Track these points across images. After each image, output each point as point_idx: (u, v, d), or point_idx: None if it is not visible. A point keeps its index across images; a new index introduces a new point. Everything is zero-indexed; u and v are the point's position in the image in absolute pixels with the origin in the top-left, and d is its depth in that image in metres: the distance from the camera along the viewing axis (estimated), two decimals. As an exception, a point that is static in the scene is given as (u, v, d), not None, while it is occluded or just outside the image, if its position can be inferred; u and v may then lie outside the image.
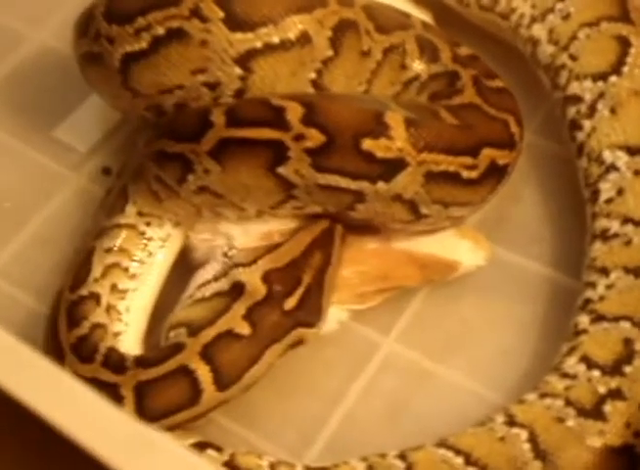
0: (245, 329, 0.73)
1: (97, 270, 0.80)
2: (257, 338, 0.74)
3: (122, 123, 0.96)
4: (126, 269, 0.81)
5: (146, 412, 0.72)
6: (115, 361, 0.75)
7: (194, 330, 0.74)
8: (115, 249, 0.81)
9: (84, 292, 0.79)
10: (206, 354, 0.73)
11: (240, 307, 0.74)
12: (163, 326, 0.78)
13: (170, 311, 0.81)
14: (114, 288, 0.80)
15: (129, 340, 0.80)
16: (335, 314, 0.81)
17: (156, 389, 0.73)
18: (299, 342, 0.76)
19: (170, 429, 0.72)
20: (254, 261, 0.76)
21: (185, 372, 0.72)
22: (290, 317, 0.75)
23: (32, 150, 0.96)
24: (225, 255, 0.80)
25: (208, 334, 0.73)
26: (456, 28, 0.95)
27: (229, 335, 0.73)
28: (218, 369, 0.72)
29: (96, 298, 0.79)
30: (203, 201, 0.78)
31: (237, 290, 0.75)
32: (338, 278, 0.80)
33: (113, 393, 0.72)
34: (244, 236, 0.80)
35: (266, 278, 0.75)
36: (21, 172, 0.95)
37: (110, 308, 0.79)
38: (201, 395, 0.72)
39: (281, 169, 0.73)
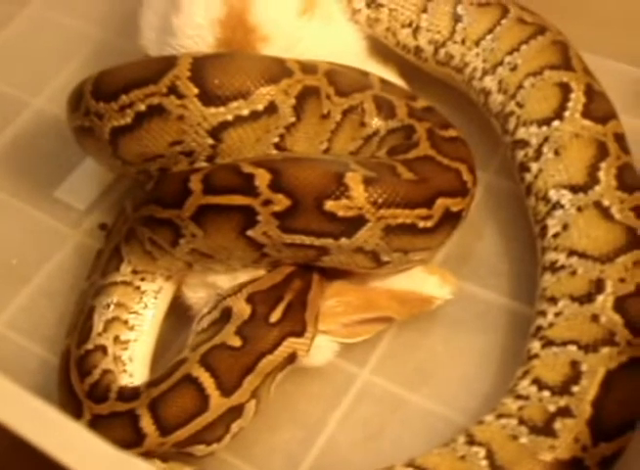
0: (236, 342, 0.79)
1: (99, 326, 0.85)
2: (249, 348, 0.79)
3: (117, 183, 1.03)
4: (126, 322, 0.87)
5: (163, 424, 0.77)
6: (129, 393, 0.80)
7: (194, 347, 0.81)
8: (114, 304, 0.86)
9: (90, 346, 0.85)
10: (205, 362, 0.78)
11: (231, 327, 0.80)
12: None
13: (168, 352, 0.89)
14: (116, 339, 0.86)
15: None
16: (327, 347, 0.87)
17: (167, 400, 0.77)
18: (293, 356, 0.81)
19: (191, 445, 0.78)
20: (240, 290, 0.83)
21: (190, 380, 0.78)
22: (276, 328, 0.80)
23: (35, 210, 1.03)
24: (217, 294, 0.86)
25: (206, 347, 0.79)
26: (422, 81, 1.03)
27: (223, 346, 0.79)
28: (218, 375, 0.77)
29: (102, 349, 0.85)
30: (195, 259, 0.84)
31: (226, 314, 0.82)
32: (322, 307, 0.85)
33: (130, 418, 0.77)
34: (232, 283, 0.86)
35: (250, 300, 0.82)
36: (25, 231, 1.01)
37: (116, 359, 0.85)
38: (208, 400, 0.77)
39: (250, 232, 0.79)
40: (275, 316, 0.81)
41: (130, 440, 0.77)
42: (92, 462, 0.54)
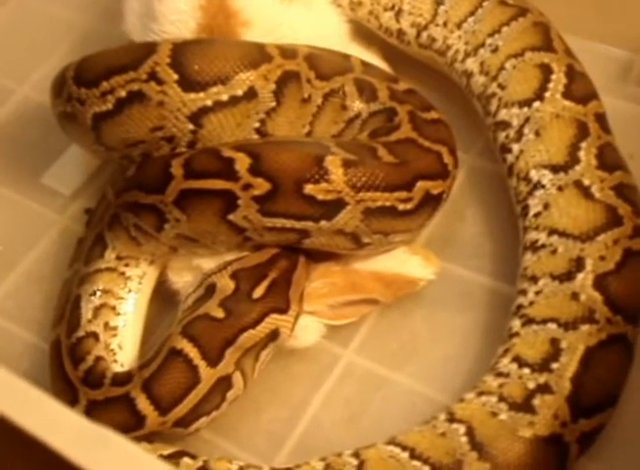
0: (219, 313, 0.80)
1: (88, 313, 0.86)
2: (231, 321, 0.79)
3: (102, 168, 1.03)
4: (114, 308, 0.87)
5: (161, 404, 0.77)
6: (122, 377, 0.81)
7: (178, 321, 0.81)
8: (100, 291, 0.87)
9: (81, 333, 0.85)
10: (187, 332, 0.79)
11: (214, 301, 0.81)
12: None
13: (153, 337, 0.89)
14: (106, 326, 0.86)
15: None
16: (314, 327, 0.88)
17: (159, 379, 0.78)
18: (276, 332, 0.81)
19: (193, 421, 0.79)
20: (225, 267, 0.84)
21: (175, 353, 0.78)
22: (258, 303, 0.81)
23: (21, 196, 1.04)
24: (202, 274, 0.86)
25: (188, 319, 0.80)
26: (404, 64, 1.04)
27: (205, 317, 0.80)
28: (201, 345, 0.78)
29: (94, 335, 0.85)
30: (180, 244, 0.85)
31: (210, 290, 0.82)
32: (308, 288, 0.85)
33: (126, 401, 0.78)
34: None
35: (234, 276, 0.82)
36: (11, 217, 1.02)
37: (107, 347, 0.85)
38: (197, 371, 0.77)
39: (231, 216, 0.79)
40: (258, 292, 0.81)
41: (130, 424, 0.77)
42: (78, 441, 0.54)
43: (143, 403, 0.77)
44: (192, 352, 0.78)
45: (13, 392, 0.56)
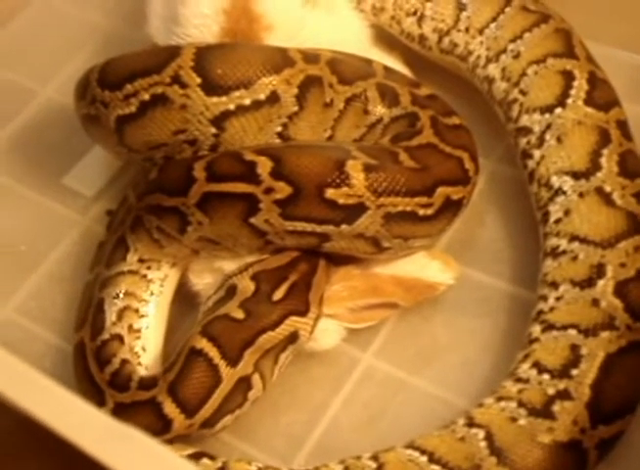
0: (239, 314, 0.80)
1: (112, 316, 0.86)
2: (250, 322, 0.79)
3: (124, 170, 1.04)
4: (137, 310, 0.87)
5: (186, 406, 0.77)
6: (148, 382, 0.81)
7: (199, 322, 0.82)
8: (123, 294, 0.87)
9: (106, 336, 0.85)
10: (206, 332, 0.79)
11: (234, 302, 0.81)
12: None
13: (174, 338, 0.89)
14: (130, 328, 0.86)
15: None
16: (334, 330, 0.88)
17: (183, 381, 0.78)
18: (295, 335, 0.82)
19: (219, 420, 0.79)
20: (245, 269, 0.84)
21: (195, 353, 0.78)
22: (278, 306, 0.81)
23: (43, 197, 1.04)
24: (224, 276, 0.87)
25: (208, 318, 0.81)
26: (426, 69, 1.04)
27: (225, 317, 0.80)
28: (220, 345, 0.78)
29: (119, 338, 0.85)
30: (202, 246, 0.86)
31: (231, 292, 0.83)
32: (328, 291, 0.86)
33: (152, 406, 0.78)
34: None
35: (255, 278, 0.83)
36: (33, 218, 1.03)
37: (131, 350, 0.85)
38: (218, 370, 0.78)
39: (253, 220, 0.80)
40: (278, 295, 0.82)
41: (157, 427, 0.77)
42: (105, 440, 0.54)
43: (169, 407, 0.77)
44: (212, 351, 0.78)
45: (39, 390, 0.57)
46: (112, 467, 0.47)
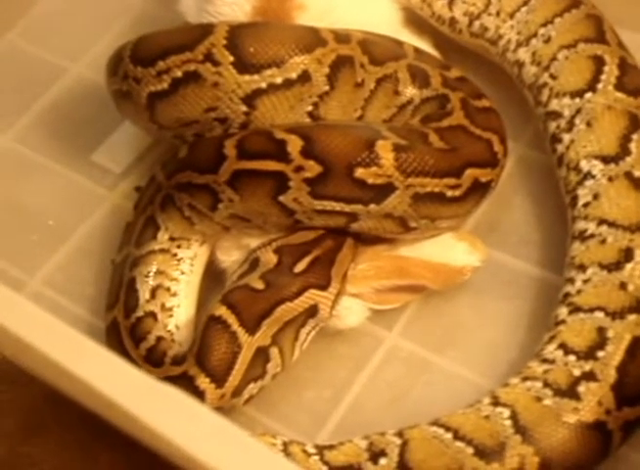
0: (259, 285, 0.81)
1: (145, 294, 0.87)
2: (270, 293, 0.80)
3: (153, 147, 1.04)
4: (168, 289, 0.88)
5: (215, 376, 0.78)
6: (181, 357, 0.81)
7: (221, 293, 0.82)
8: (154, 272, 0.88)
9: (140, 313, 0.86)
10: (226, 300, 0.80)
11: (256, 274, 0.82)
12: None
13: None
14: (163, 306, 0.87)
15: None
16: (359, 309, 0.88)
17: (206, 350, 0.78)
18: (314, 308, 0.82)
19: (244, 387, 0.79)
20: (269, 243, 0.85)
21: (214, 320, 0.79)
22: (299, 277, 0.82)
23: (73, 173, 1.05)
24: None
25: (229, 288, 0.82)
26: (455, 52, 1.04)
27: (245, 287, 0.81)
28: (238, 312, 0.79)
29: (152, 315, 0.86)
30: (233, 223, 0.86)
31: (254, 264, 0.84)
32: (354, 270, 0.86)
33: (185, 380, 0.78)
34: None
35: (278, 251, 0.84)
36: (62, 193, 1.04)
37: (165, 327, 0.86)
38: (237, 337, 0.78)
39: (282, 198, 0.81)
40: (300, 267, 0.82)
41: None
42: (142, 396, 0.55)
43: (201, 379, 0.78)
44: (230, 318, 0.79)
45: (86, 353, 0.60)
46: (152, 425, 0.48)
